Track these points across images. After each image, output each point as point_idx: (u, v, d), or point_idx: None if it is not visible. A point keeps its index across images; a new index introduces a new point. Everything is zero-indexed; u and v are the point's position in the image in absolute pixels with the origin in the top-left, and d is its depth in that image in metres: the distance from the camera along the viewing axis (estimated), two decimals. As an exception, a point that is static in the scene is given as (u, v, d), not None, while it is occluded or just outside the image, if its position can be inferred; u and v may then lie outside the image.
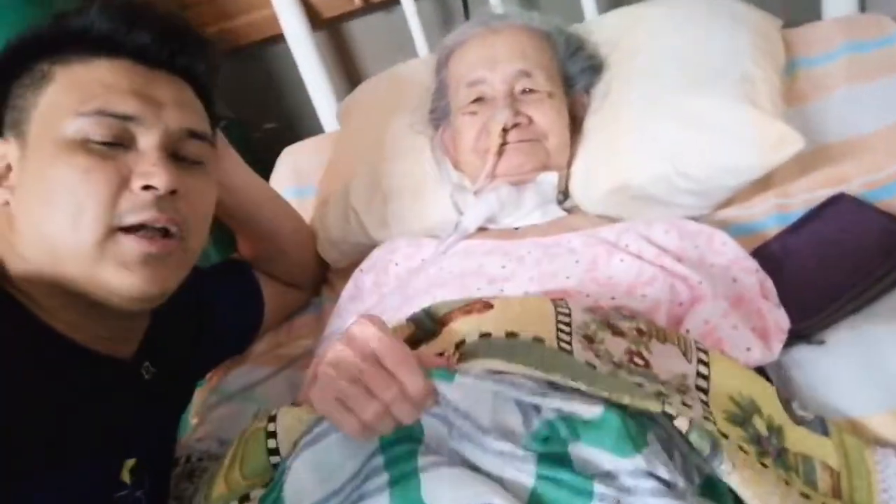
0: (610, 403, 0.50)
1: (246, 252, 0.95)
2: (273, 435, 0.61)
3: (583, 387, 0.50)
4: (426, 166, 1.00)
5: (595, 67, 1.00)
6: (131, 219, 0.61)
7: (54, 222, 0.60)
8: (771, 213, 0.90)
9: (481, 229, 0.90)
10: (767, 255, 0.80)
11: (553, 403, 0.50)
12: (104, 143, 0.61)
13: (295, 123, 1.58)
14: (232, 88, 1.60)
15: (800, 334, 0.72)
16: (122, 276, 0.61)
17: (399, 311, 0.80)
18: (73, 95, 0.62)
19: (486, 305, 0.61)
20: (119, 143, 0.62)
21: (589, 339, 0.59)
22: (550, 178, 0.90)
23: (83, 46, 0.64)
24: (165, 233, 0.63)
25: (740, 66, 0.90)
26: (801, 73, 1.03)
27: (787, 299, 0.74)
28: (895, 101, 0.94)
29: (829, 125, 0.95)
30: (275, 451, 0.60)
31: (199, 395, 0.93)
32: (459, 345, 0.56)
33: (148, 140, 0.63)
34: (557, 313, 0.60)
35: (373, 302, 0.88)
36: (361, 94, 1.23)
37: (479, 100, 0.93)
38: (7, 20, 1.05)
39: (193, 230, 0.67)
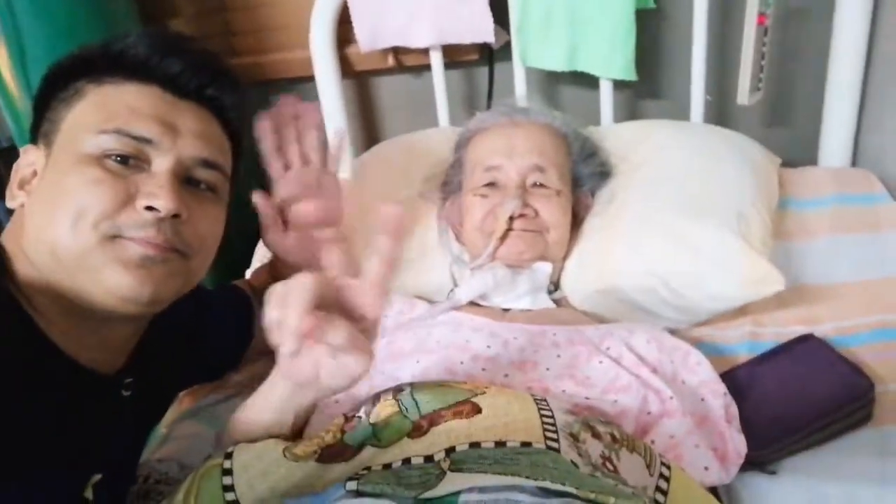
0: None
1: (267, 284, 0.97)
2: (229, 472, 0.62)
3: (572, 490, 0.53)
4: (430, 233, 1.05)
5: (604, 173, 1.06)
6: (130, 233, 0.63)
7: (56, 226, 0.63)
8: (743, 340, 0.95)
9: (472, 304, 0.93)
10: (735, 381, 0.84)
11: None
12: (119, 161, 0.65)
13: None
14: (255, 120, 1.66)
15: (754, 462, 0.77)
16: (119, 275, 0.62)
17: (382, 365, 0.83)
18: (99, 114, 0.66)
19: (475, 409, 0.64)
20: (134, 164, 0.65)
21: (574, 438, 0.62)
22: (545, 268, 0.95)
23: (118, 69, 0.68)
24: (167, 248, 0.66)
25: (739, 203, 0.97)
26: (790, 213, 1.09)
27: (747, 426, 0.78)
28: (872, 259, 1.01)
29: (809, 267, 1.01)
30: (230, 488, 0.61)
31: (168, 414, 0.93)
32: (450, 451, 0.59)
33: (160, 164, 0.66)
34: (541, 415, 0.64)
35: None
36: (380, 152, 1.28)
37: (491, 184, 0.99)
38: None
39: (196, 253, 0.69)
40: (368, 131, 1.57)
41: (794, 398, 0.81)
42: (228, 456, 0.64)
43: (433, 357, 0.82)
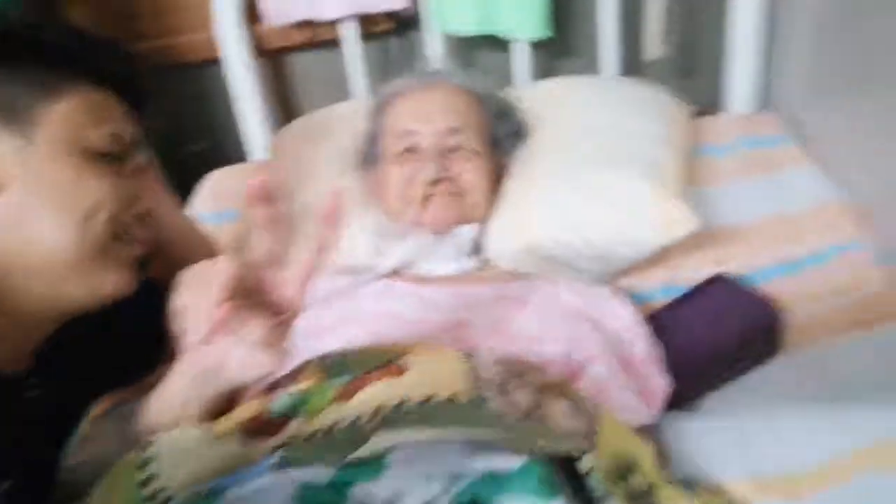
0: (527, 454, 0.54)
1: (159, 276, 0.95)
2: (147, 463, 0.58)
3: (501, 441, 0.54)
4: (351, 206, 1.03)
5: (520, 134, 1.07)
6: (132, 233, 0.67)
7: (57, 223, 0.63)
8: (659, 286, 0.99)
9: (395, 274, 0.93)
10: (655, 324, 0.87)
11: (478, 464, 0.53)
12: (116, 161, 0.67)
13: (223, 148, 1.57)
14: (164, 105, 1.59)
15: (680, 400, 0.80)
16: (118, 274, 0.66)
17: (305, 340, 0.80)
18: (92, 114, 0.67)
19: (399, 370, 0.63)
20: (121, 164, 0.68)
21: (500, 389, 0.63)
22: (468, 231, 0.96)
23: (81, 70, 0.68)
24: None
25: (651, 152, 0.99)
26: (702, 160, 1.13)
27: (670, 367, 0.81)
28: (773, 197, 1.06)
29: (721, 210, 1.05)
30: (148, 481, 0.57)
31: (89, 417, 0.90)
32: (376, 412, 0.59)
33: (134, 164, 0.70)
34: (469, 367, 0.64)
35: None
36: (296, 128, 1.26)
37: (408, 150, 0.98)
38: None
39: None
40: (286, 111, 1.53)
41: (710, 334, 0.85)
42: (145, 446, 0.60)
43: (360, 328, 0.81)
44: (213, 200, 1.26)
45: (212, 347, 0.54)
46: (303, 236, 0.53)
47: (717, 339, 0.83)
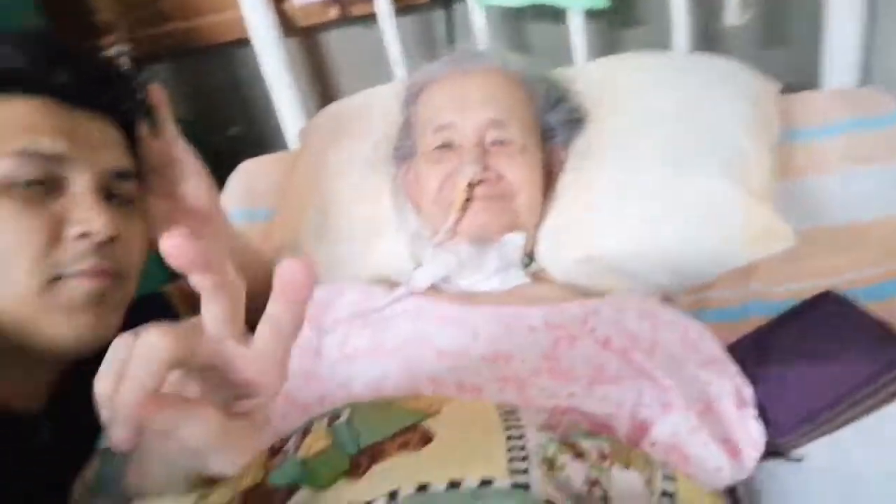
0: None
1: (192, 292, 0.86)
2: None
3: None
4: (384, 207, 0.92)
5: (577, 121, 0.92)
6: (70, 269, 0.57)
7: None
8: (750, 301, 0.82)
9: (434, 289, 0.80)
10: (745, 354, 0.72)
11: None
12: (30, 186, 0.57)
13: (260, 131, 1.49)
14: (197, 90, 1.53)
15: (775, 450, 0.65)
16: (69, 320, 0.58)
17: (334, 367, 0.72)
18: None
19: (424, 438, 0.51)
20: (47, 187, 0.58)
21: (549, 465, 0.50)
22: (516, 240, 0.82)
23: (14, 83, 0.59)
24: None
25: (733, 143, 0.83)
26: (796, 146, 0.96)
27: (763, 409, 0.66)
28: (890, 190, 0.87)
29: (822, 208, 0.88)
30: None
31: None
32: (392, 497, 0.47)
33: (80, 182, 0.60)
34: (508, 436, 0.51)
35: (304, 336, 0.78)
36: (325, 117, 1.14)
37: (445, 146, 0.84)
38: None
39: (131, 273, 0.64)
40: (322, 94, 1.43)
41: (816, 371, 0.69)
42: None
43: (392, 358, 0.70)
44: (244, 196, 1.16)
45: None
46: (267, 317, 0.41)
47: (824, 376, 0.68)
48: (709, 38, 1.15)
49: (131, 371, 0.37)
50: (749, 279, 0.84)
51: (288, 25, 1.30)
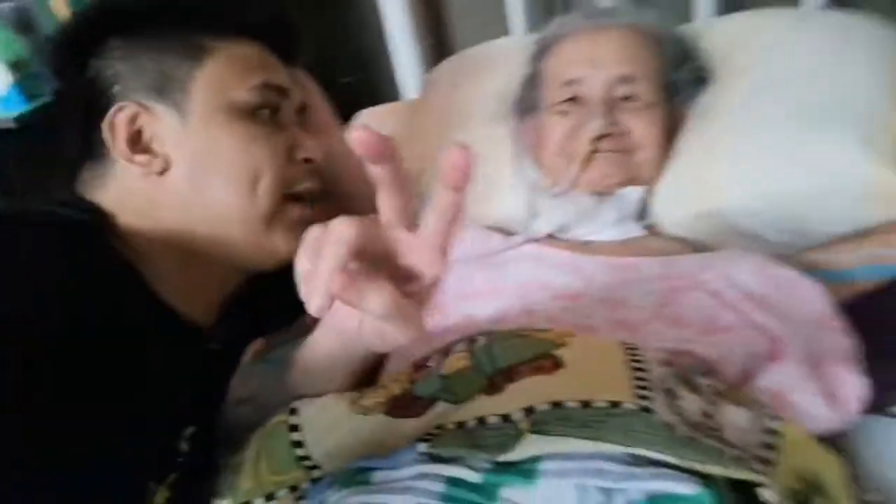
0: (700, 476, 0.47)
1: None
2: (296, 428, 0.60)
3: (672, 459, 0.47)
4: (504, 158, 0.97)
5: (702, 80, 0.93)
6: (299, 187, 0.68)
7: (228, 191, 0.64)
8: (866, 263, 0.83)
9: (552, 236, 0.86)
10: (856, 313, 0.74)
11: (642, 484, 0.47)
12: (271, 112, 0.67)
13: (374, 82, 1.55)
14: (312, 37, 1.59)
15: (877, 405, 0.68)
16: (288, 239, 0.66)
17: (455, 303, 0.78)
18: (237, 68, 0.66)
19: (556, 363, 0.58)
20: (277, 115, 0.68)
21: (669, 395, 0.56)
22: (635, 194, 0.85)
23: (227, 27, 0.68)
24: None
25: (868, 107, 0.82)
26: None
27: (869, 365, 0.69)
28: None
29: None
30: (299, 444, 0.60)
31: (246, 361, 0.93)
32: (528, 411, 0.54)
33: (291, 114, 0.70)
34: (633, 367, 0.57)
35: None
36: (447, 68, 1.18)
37: (572, 100, 0.88)
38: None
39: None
40: (437, 44, 1.47)
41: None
42: (293, 411, 0.62)
43: (511, 297, 0.76)
44: (362, 144, 1.23)
45: (343, 311, 0.50)
46: (434, 203, 0.46)
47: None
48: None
49: (326, 250, 0.44)
50: (862, 243, 0.84)
51: (409, -25, 1.33)
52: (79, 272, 0.56)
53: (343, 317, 0.53)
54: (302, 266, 0.46)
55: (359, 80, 1.58)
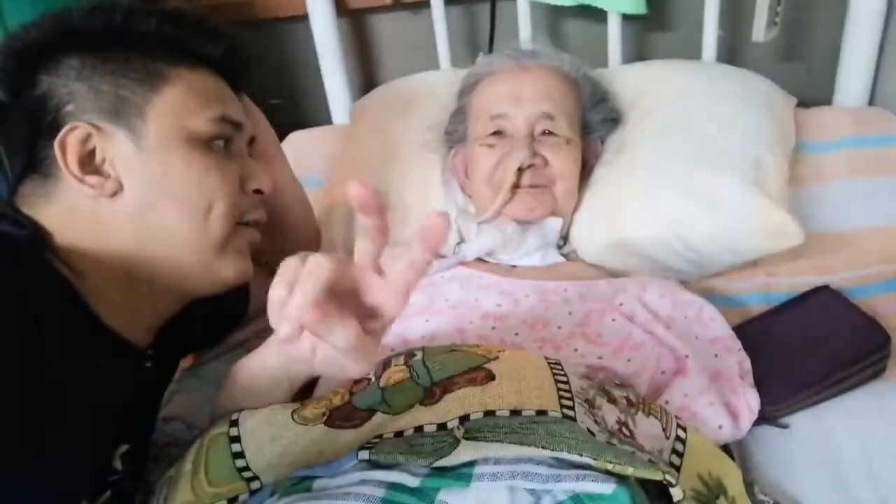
0: (617, 476, 0.52)
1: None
2: (237, 439, 0.61)
3: (590, 461, 0.52)
4: (434, 185, 1.02)
5: (615, 120, 1.02)
6: (249, 217, 0.69)
7: (180, 217, 0.64)
8: (756, 291, 0.93)
9: (479, 260, 0.91)
10: (748, 334, 0.82)
11: (567, 485, 0.51)
12: (223, 145, 0.68)
13: (301, 105, 1.57)
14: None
15: (767, 417, 0.76)
16: (238, 263, 0.68)
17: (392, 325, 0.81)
18: (196, 99, 0.67)
19: (488, 376, 0.62)
20: (229, 146, 0.69)
21: (590, 404, 0.61)
22: (555, 224, 0.93)
23: (178, 53, 0.68)
24: None
25: (756, 150, 0.93)
26: (804, 157, 1.06)
27: (760, 381, 0.77)
28: (887, 204, 0.98)
29: (823, 214, 0.99)
30: (239, 455, 0.61)
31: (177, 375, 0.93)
32: (464, 420, 0.58)
33: (242, 146, 0.72)
34: (557, 380, 0.62)
35: None
36: (378, 96, 1.23)
37: (498, 133, 0.94)
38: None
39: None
40: (366, 73, 1.51)
41: (808, 352, 0.80)
42: (234, 423, 0.63)
43: (443, 316, 0.80)
44: (295, 164, 1.24)
45: (301, 340, 0.53)
46: (405, 255, 0.49)
47: (816, 357, 0.79)
48: (733, 51, 1.24)
49: (302, 282, 0.46)
50: (754, 272, 0.94)
51: (341, 6, 1.37)
52: (12, 289, 0.55)
53: (298, 345, 0.55)
54: (276, 294, 0.48)
55: (286, 104, 1.59)
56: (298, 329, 0.47)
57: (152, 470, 0.77)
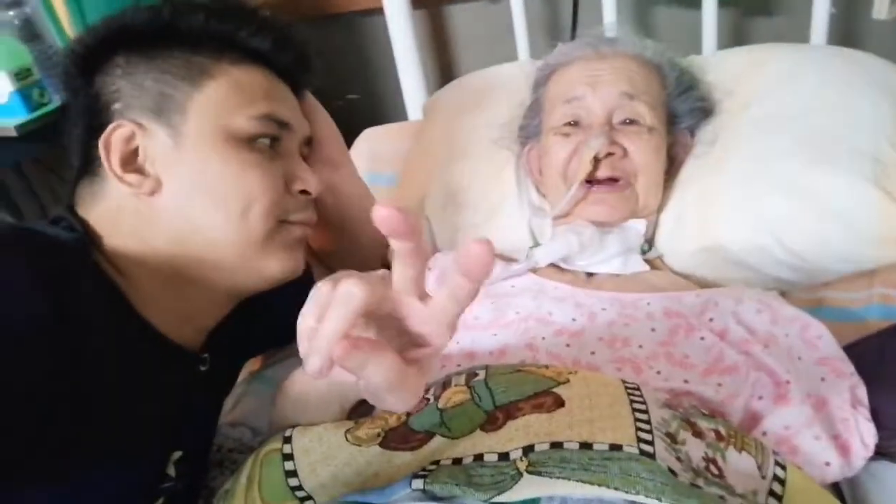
0: None
1: (318, 244, 0.94)
2: (290, 457, 0.59)
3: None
4: (506, 184, 0.96)
5: (705, 110, 0.92)
6: (294, 217, 0.67)
7: (219, 215, 0.63)
8: (873, 303, 0.82)
9: (552, 266, 0.84)
10: (862, 355, 0.72)
11: None
12: (269, 144, 0.66)
13: (378, 100, 1.55)
14: (321, 55, 1.60)
15: (885, 452, 0.66)
16: (283, 259, 0.66)
17: (456, 335, 0.76)
18: (239, 97, 0.65)
19: (557, 402, 0.56)
20: (274, 146, 0.67)
21: (671, 438, 0.54)
22: (638, 226, 0.84)
23: (235, 51, 0.67)
24: None
25: (874, 144, 0.81)
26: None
27: (876, 411, 0.67)
28: None
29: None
30: (292, 473, 0.58)
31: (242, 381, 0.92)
32: (527, 450, 0.52)
33: (293, 146, 0.70)
34: (634, 409, 0.55)
35: None
36: (451, 92, 1.18)
37: (573, 123, 0.87)
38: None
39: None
40: (443, 66, 1.48)
41: (936, 379, 0.69)
42: (287, 440, 0.60)
43: (512, 330, 0.74)
44: (368, 161, 1.22)
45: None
46: (449, 285, 0.44)
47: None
48: (849, 32, 1.12)
49: (331, 312, 0.42)
50: (872, 282, 0.83)
51: (416, -2, 1.34)
52: (62, 296, 0.54)
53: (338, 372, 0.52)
54: (305, 323, 0.44)
55: (363, 100, 1.58)
56: (328, 362, 0.42)
57: (216, 476, 0.77)
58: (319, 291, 0.44)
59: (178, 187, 0.63)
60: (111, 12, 0.67)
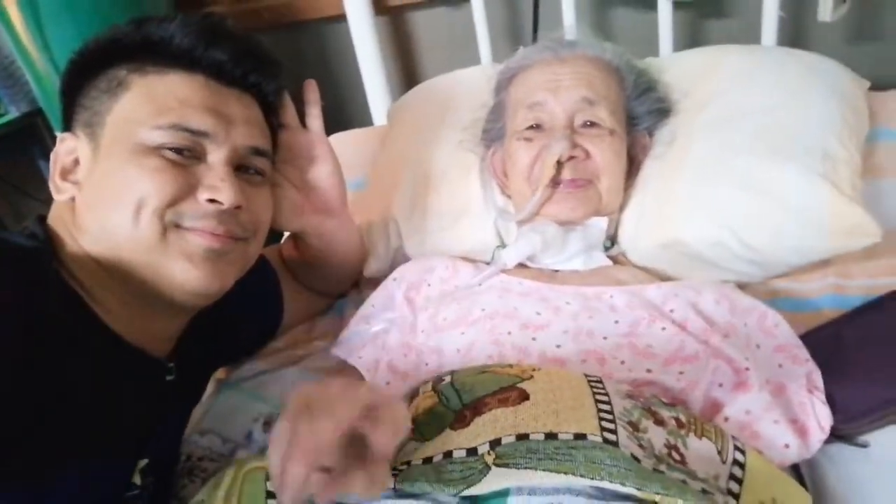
0: None
1: (294, 258, 0.94)
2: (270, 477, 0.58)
3: (635, 491, 0.47)
4: (472, 186, 0.97)
5: (662, 111, 0.94)
6: (189, 223, 0.64)
7: (118, 216, 0.63)
8: (826, 293, 0.85)
9: (520, 265, 0.86)
10: (818, 343, 0.75)
11: None
12: (177, 152, 0.64)
13: (344, 106, 1.55)
14: (286, 63, 1.60)
15: (842, 434, 0.69)
16: (185, 269, 0.64)
17: (427, 338, 0.78)
18: (150, 107, 0.65)
19: (522, 395, 0.57)
20: (189, 154, 0.65)
21: (634, 427, 0.56)
22: (600, 224, 0.86)
23: (160, 57, 0.67)
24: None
25: (824, 140, 0.84)
26: (881, 145, 0.96)
27: (832, 396, 0.70)
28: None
29: (903, 209, 0.89)
30: (273, 495, 0.58)
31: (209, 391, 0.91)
32: (495, 444, 0.53)
33: (217, 155, 0.66)
34: (596, 400, 0.57)
35: (402, 314, 0.85)
36: (415, 96, 1.19)
37: (536, 127, 0.89)
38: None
39: (254, 237, 0.71)
40: (406, 72, 1.48)
41: (887, 362, 0.71)
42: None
43: (478, 328, 0.75)
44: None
45: None
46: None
47: (892, 368, 0.70)
48: (797, 33, 1.16)
49: (296, 457, 0.45)
50: (825, 273, 0.86)
51: (379, 4, 1.35)
52: (25, 304, 0.55)
53: None
54: (272, 462, 0.47)
55: (328, 106, 1.58)
56: (299, 501, 0.46)
57: (185, 485, 0.76)
58: (282, 433, 0.47)
59: (87, 193, 0.65)
60: (70, 25, 0.68)
